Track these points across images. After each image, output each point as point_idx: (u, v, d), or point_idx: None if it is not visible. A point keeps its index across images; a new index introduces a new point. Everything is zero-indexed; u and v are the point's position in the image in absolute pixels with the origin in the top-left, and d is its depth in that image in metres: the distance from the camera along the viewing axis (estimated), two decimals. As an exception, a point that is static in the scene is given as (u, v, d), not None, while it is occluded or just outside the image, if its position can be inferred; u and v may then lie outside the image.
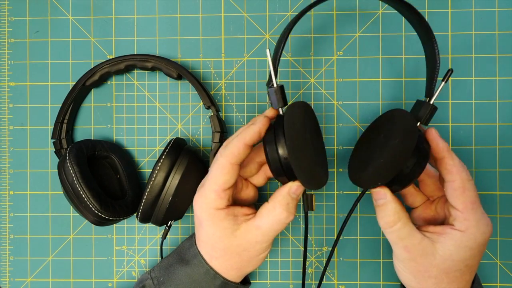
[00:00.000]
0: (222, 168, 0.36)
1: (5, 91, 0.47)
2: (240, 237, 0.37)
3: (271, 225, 0.36)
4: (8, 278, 0.47)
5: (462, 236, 0.35)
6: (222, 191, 0.36)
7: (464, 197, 0.35)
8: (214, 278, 0.38)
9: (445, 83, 0.36)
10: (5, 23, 0.47)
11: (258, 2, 0.46)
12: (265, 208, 0.37)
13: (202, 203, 0.37)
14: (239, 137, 0.36)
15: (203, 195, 0.37)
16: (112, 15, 0.47)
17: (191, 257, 0.39)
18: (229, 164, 0.36)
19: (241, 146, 0.36)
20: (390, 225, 0.36)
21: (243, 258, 0.38)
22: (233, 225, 0.37)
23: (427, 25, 0.36)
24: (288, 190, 0.36)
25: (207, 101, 0.43)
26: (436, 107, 0.36)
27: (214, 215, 0.36)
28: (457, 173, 0.35)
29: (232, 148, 0.36)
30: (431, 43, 0.37)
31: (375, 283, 0.45)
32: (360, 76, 0.45)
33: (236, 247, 0.37)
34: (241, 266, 0.38)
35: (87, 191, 0.39)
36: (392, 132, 0.35)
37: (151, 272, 0.40)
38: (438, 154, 0.36)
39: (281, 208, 0.36)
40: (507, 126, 0.45)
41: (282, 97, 0.36)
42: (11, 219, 0.47)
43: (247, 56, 0.46)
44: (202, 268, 0.38)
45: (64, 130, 0.44)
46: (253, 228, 0.37)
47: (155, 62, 0.43)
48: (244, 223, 0.37)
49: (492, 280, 0.45)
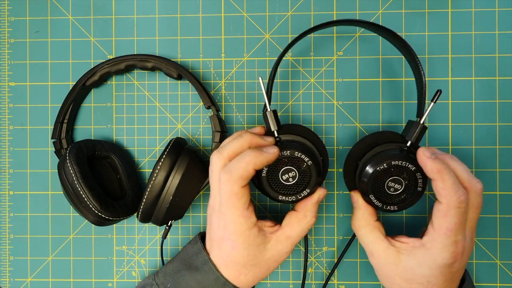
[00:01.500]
0: (236, 195, 0.35)
1: (5, 91, 0.47)
2: (272, 249, 0.37)
3: (300, 232, 0.38)
4: (8, 278, 0.47)
5: (424, 253, 0.35)
6: (246, 210, 0.36)
7: (443, 221, 0.35)
8: (224, 285, 0.37)
9: (434, 103, 0.37)
10: (5, 23, 0.47)
11: (258, 2, 0.46)
12: (295, 217, 0.38)
13: (233, 229, 0.36)
14: (249, 161, 0.34)
15: (231, 221, 0.35)
16: (112, 15, 0.47)
17: (201, 263, 0.38)
18: (241, 188, 0.35)
19: (251, 170, 0.34)
20: (356, 228, 0.39)
21: (271, 268, 0.39)
22: (264, 240, 0.37)
23: (410, 48, 0.38)
24: (318, 198, 0.38)
25: (207, 101, 0.43)
26: (426, 127, 0.38)
27: (249, 236, 0.36)
28: (445, 197, 0.34)
29: (241, 173, 0.34)
30: (416, 65, 0.38)
31: (375, 283, 0.45)
32: (360, 76, 0.45)
33: (267, 260, 0.38)
34: (262, 277, 0.39)
35: (87, 191, 0.39)
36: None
37: (156, 278, 0.40)
38: (429, 174, 0.35)
39: (311, 216, 0.38)
40: (507, 126, 0.45)
41: (276, 120, 0.38)
42: (11, 219, 0.47)
43: (247, 56, 0.46)
44: (212, 275, 0.38)
45: (64, 130, 0.44)
46: (284, 238, 0.38)
47: (155, 62, 0.43)
48: (274, 235, 0.38)
49: (492, 280, 0.45)
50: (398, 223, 0.45)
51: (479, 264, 0.45)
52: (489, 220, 0.45)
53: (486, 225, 0.45)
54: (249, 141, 0.36)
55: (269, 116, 0.38)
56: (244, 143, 0.36)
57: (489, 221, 0.45)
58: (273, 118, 0.38)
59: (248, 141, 0.36)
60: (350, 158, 0.40)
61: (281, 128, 0.39)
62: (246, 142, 0.36)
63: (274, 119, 0.38)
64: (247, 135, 0.36)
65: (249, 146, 0.36)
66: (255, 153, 0.34)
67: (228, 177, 0.34)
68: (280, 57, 0.39)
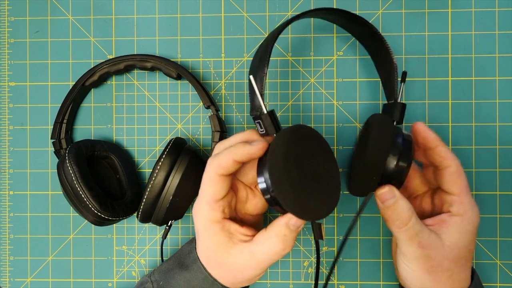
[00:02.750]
0: (210, 179, 0.35)
1: (5, 91, 0.47)
2: (234, 256, 0.35)
3: (266, 254, 0.35)
4: (8, 278, 0.47)
5: (462, 220, 0.36)
6: (214, 202, 0.35)
7: (460, 181, 0.36)
8: (212, 284, 0.37)
9: (404, 84, 0.38)
10: (5, 23, 0.47)
11: (258, 2, 0.46)
12: (261, 236, 0.35)
13: (198, 215, 0.36)
14: (230, 151, 0.34)
15: (198, 207, 0.36)
16: (112, 15, 0.47)
17: (191, 262, 0.38)
18: (216, 175, 0.35)
19: (230, 161, 0.34)
20: (405, 222, 0.34)
21: (237, 277, 0.37)
22: (228, 242, 0.35)
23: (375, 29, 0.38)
24: (287, 221, 0.34)
25: (207, 100, 0.43)
26: (404, 104, 0.37)
27: (209, 228, 0.35)
28: (452, 159, 0.36)
29: (220, 160, 0.35)
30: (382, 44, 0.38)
31: (375, 283, 0.45)
32: (360, 76, 0.45)
33: (230, 265, 0.36)
34: (234, 281, 0.37)
35: (87, 191, 0.39)
36: (370, 134, 0.36)
37: (151, 276, 0.40)
38: (430, 144, 0.36)
39: (277, 240, 0.34)
40: (507, 126, 0.45)
41: (276, 122, 0.34)
42: (11, 219, 0.47)
43: (247, 56, 0.46)
44: (200, 274, 0.37)
45: (64, 130, 0.44)
46: (248, 252, 0.35)
47: (154, 62, 0.43)
48: (240, 244, 0.35)
49: (492, 280, 0.45)
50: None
51: (479, 264, 0.45)
52: (489, 220, 0.45)
53: (486, 225, 0.45)
54: (248, 136, 0.36)
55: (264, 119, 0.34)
56: (242, 138, 0.36)
57: (489, 221, 0.45)
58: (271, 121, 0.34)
59: (247, 136, 0.36)
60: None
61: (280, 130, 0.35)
62: (244, 137, 0.36)
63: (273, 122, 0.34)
64: (248, 131, 0.37)
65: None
66: (239, 145, 0.35)
67: (209, 162, 0.35)
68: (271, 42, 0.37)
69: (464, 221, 0.36)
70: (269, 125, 0.34)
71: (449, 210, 0.37)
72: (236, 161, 0.34)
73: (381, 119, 0.37)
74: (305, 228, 0.46)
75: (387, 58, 0.39)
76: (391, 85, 0.38)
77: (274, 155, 0.32)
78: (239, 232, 0.36)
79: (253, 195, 0.39)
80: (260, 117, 0.34)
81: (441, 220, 0.36)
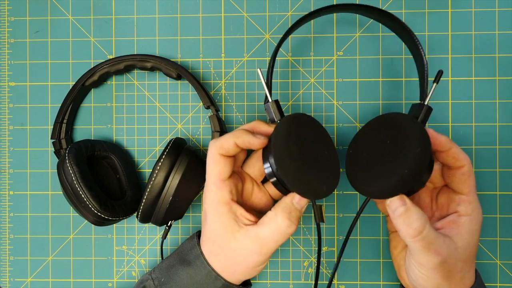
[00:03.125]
0: (213, 159, 0.37)
1: (5, 91, 0.47)
2: (239, 241, 0.36)
3: (271, 234, 0.35)
4: (8, 278, 0.47)
5: (471, 220, 0.36)
6: (221, 181, 0.36)
7: (470, 180, 0.36)
8: (215, 279, 0.38)
9: (437, 84, 0.36)
10: (5, 23, 0.47)
11: (258, 2, 0.46)
12: (267, 217, 0.36)
13: (206, 197, 0.37)
14: (233, 133, 0.37)
15: (206, 190, 0.37)
16: (112, 15, 0.47)
17: (193, 258, 0.39)
18: (218, 154, 0.36)
19: (231, 143, 0.36)
20: (419, 230, 0.33)
21: (238, 265, 0.37)
22: (233, 225, 0.36)
23: (409, 30, 0.37)
24: (291, 199, 0.36)
25: (207, 100, 0.43)
26: (431, 108, 0.36)
27: (217, 209, 0.36)
28: (464, 159, 0.36)
29: (221, 140, 0.37)
30: (416, 46, 0.37)
31: (375, 283, 0.45)
32: (360, 76, 0.45)
33: (233, 250, 0.36)
34: (234, 271, 0.37)
35: (87, 191, 0.39)
36: (404, 141, 0.34)
37: (152, 273, 0.40)
38: (444, 147, 0.36)
39: (282, 216, 0.35)
40: (507, 126, 0.45)
41: (278, 110, 0.37)
42: (11, 219, 0.47)
43: (247, 56, 0.46)
44: (204, 270, 0.38)
45: (64, 130, 0.44)
46: (253, 235, 0.36)
47: (154, 62, 0.43)
48: (244, 228, 0.36)
49: (492, 280, 0.45)
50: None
51: (479, 264, 0.45)
52: (489, 220, 0.45)
53: (486, 225, 0.45)
54: (253, 125, 0.38)
55: (271, 106, 0.37)
56: (247, 127, 0.38)
57: (489, 221, 0.45)
58: (275, 108, 0.37)
59: (252, 125, 0.38)
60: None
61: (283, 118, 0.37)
62: (250, 126, 0.38)
63: (277, 109, 0.37)
64: (255, 121, 0.39)
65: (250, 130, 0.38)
66: (242, 131, 0.36)
67: (212, 143, 0.37)
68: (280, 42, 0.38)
69: (473, 221, 0.36)
70: (273, 112, 0.37)
71: (456, 210, 0.36)
72: (236, 144, 0.36)
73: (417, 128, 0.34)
74: (305, 228, 0.46)
75: (418, 58, 0.38)
76: (422, 85, 0.37)
77: (277, 136, 0.35)
78: (244, 216, 0.37)
79: (258, 188, 0.40)
80: (266, 106, 0.37)
81: (450, 221, 0.36)
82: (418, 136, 0.33)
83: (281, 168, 0.34)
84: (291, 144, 0.34)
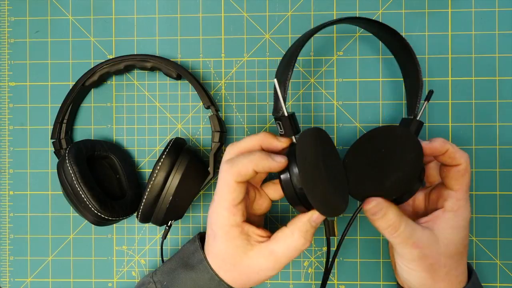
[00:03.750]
0: (228, 186, 0.35)
1: (5, 91, 0.47)
2: (252, 258, 0.36)
3: (286, 251, 0.36)
4: (8, 278, 0.47)
5: (455, 216, 0.36)
6: (234, 207, 0.35)
7: (463, 179, 0.36)
8: (218, 284, 0.37)
9: (428, 102, 0.39)
10: (5, 23, 0.47)
11: (258, 2, 0.46)
12: (282, 233, 0.36)
13: (216, 220, 0.36)
14: (251, 160, 0.35)
15: (216, 212, 0.36)
16: (112, 15, 0.47)
17: (196, 262, 0.38)
18: (235, 182, 0.35)
19: (250, 170, 0.35)
20: (396, 228, 0.35)
21: (250, 279, 0.37)
22: (246, 245, 0.36)
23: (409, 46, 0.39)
24: (309, 218, 0.36)
25: (207, 100, 0.43)
26: (422, 122, 0.38)
27: (229, 232, 0.36)
28: (461, 157, 0.36)
29: (240, 168, 0.35)
30: (414, 65, 0.39)
31: (375, 283, 0.45)
32: (360, 76, 0.45)
33: (246, 267, 0.36)
34: (246, 283, 0.38)
35: (87, 191, 0.39)
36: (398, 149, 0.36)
37: (154, 276, 0.40)
38: (440, 151, 0.36)
39: (299, 235, 0.35)
40: (507, 126, 0.45)
41: (296, 125, 0.36)
42: (11, 219, 0.47)
43: (247, 56, 0.46)
44: (207, 274, 0.38)
45: (64, 130, 0.44)
46: (267, 252, 0.36)
47: (154, 62, 0.43)
48: (258, 245, 0.36)
49: (492, 280, 0.45)
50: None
51: (479, 264, 0.45)
52: (489, 220, 0.45)
53: (486, 225, 0.45)
54: (262, 139, 0.36)
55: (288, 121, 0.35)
56: (257, 142, 0.37)
57: (489, 221, 0.45)
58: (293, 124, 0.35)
59: (261, 139, 0.37)
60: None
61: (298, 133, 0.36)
62: (259, 140, 0.37)
63: (294, 124, 0.36)
64: (262, 133, 0.37)
65: (261, 146, 0.37)
66: (261, 156, 0.35)
67: (228, 168, 0.35)
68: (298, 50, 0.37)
69: (456, 217, 0.36)
70: (288, 127, 0.35)
71: (443, 205, 0.37)
72: (255, 171, 0.35)
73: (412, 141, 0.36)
74: (305, 228, 0.46)
75: (414, 74, 0.39)
76: (413, 101, 0.39)
77: (302, 153, 0.34)
78: (256, 233, 0.37)
79: (259, 195, 0.40)
80: (281, 119, 0.36)
81: (435, 216, 0.37)
82: (411, 144, 0.36)
83: (308, 189, 0.34)
84: (316, 163, 0.34)
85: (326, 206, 0.35)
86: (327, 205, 0.35)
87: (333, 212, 0.35)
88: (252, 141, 0.37)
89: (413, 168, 0.35)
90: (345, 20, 0.38)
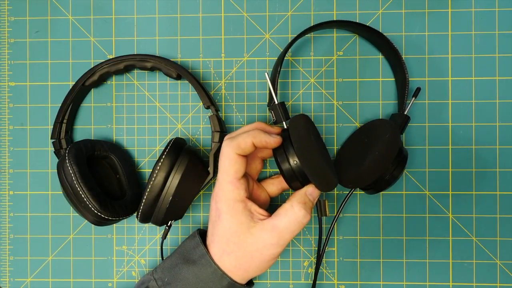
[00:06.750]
0: (229, 159, 0.37)
1: (5, 91, 0.47)
2: (256, 235, 0.37)
3: (288, 224, 0.37)
4: (8, 278, 0.47)
5: None
6: (237, 180, 0.37)
7: None
8: (221, 278, 0.38)
9: (415, 98, 0.43)
10: (5, 23, 0.47)
11: (258, 2, 0.46)
12: (283, 208, 0.38)
13: (221, 196, 0.38)
14: (250, 134, 0.37)
15: (221, 188, 0.38)
16: (112, 15, 0.47)
17: (198, 256, 0.39)
18: (235, 154, 0.37)
19: (249, 142, 0.37)
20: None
21: (254, 260, 0.38)
22: (249, 221, 0.37)
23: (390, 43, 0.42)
24: (305, 191, 0.38)
25: (207, 100, 0.43)
26: (409, 117, 0.41)
27: (233, 207, 0.37)
28: None
29: (239, 140, 0.37)
30: (400, 63, 0.42)
31: (375, 283, 0.45)
32: (360, 76, 0.45)
33: (250, 245, 0.37)
34: (249, 268, 0.38)
35: (87, 191, 0.39)
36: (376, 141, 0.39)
37: (154, 274, 0.40)
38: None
39: (299, 207, 0.37)
40: (507, 126, 0.45)
41: (285, 111, 0.39)
42: (11, 219, 0.47)
43: (247, 56, 0.46)
44: (209, 268, 0.38)
45: (64, 130, 0.44)
46: (270, 227, 0.37)
47: (154, 62, 0.43)
48: (260, 222, 0.37)
49: (492, 280, 0.45)
50: (398, 223, 0.46)
51: (479, 264, 0.45)
52: (489, 220, 0.45)
53: (486, 225, 0.45)
54: (257, 126, 0.40)
55: (278, 108, 0.39)
56: (253, 126, 0.40)
57: (489, 221, 0.45)
58: (282, 110, 0.39)
59: (256, 126, 0.40)
60: None
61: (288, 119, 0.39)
62: (255, 127, 0.39)
63: (283, 110, 0.39)
64: (257, 122, 0.40)
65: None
66: (259, 131, 0.37)
67: (228, 142, 0.38)
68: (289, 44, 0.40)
69: None
70: (278, 114, 0.39)
71: None
72: (253, 144, 0.37)
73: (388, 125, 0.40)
74: (305, 228, 0.46)
75: (400, 70, 0.42)
76: (401, 97, 0.43)
77: (297, 131, 0.37)
78: (258, 212, 0.38)
79: (257, 186, 0.42)
80: (272, 107, 0.39)
81: None
82: (386, 127, 0.39)
83: (305, 161, 0.36)
84: (311, 138, 0.37)
85: (322, 179, 0.37)
86: (321, 176, 0.36)
87: (328, 185, 0.37)
88: (248, 127, 0.39)
89: (387, 147, 0.38)
90: (324, 24, 0.42)
